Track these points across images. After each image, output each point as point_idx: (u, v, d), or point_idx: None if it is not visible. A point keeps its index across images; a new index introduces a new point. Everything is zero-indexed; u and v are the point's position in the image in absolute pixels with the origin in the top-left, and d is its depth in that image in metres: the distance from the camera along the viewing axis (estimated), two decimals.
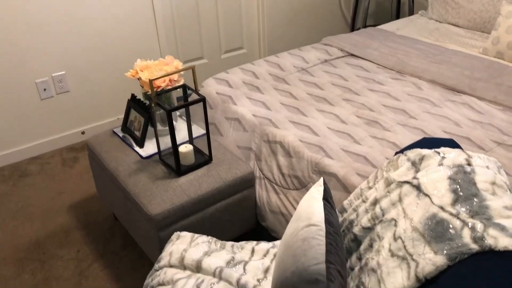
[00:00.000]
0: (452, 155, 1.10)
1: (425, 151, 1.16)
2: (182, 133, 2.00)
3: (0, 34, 2.43)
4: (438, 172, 1.06)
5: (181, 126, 2.06)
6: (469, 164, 1.06)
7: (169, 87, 1.82)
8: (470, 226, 0.91)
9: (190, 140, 1.89)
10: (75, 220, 2.24)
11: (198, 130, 2.03)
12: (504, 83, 2.01)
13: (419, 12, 3.05)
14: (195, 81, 1.69)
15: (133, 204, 1.72)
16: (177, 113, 2.14)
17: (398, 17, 3.63)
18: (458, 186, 1.01)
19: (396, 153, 1.25)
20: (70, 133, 2.86)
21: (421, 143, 1.24)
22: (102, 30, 2.73)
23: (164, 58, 1.92)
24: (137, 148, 1.92)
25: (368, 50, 2.45)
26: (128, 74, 1.88)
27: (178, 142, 1.93)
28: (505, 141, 1.65)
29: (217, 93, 2.16)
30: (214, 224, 1.80)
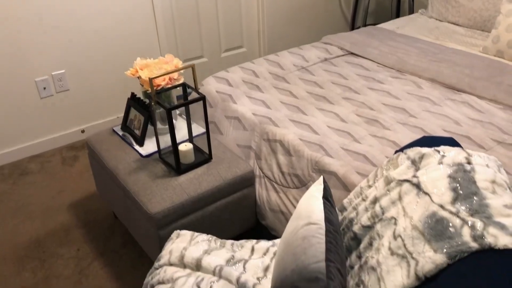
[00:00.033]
0: (452, 154, 1.10)
1: (425, 150, 1.16)
2: (182, 131, 2.00)
3: (0, 32, 2.43)
4: (438, 171, 1.06)
5: (181, 124, 2.06)
6: (469, 163, 1.06)
7: (169, 85, 1.82)
8: (470, 225, 0.91)
9: (190, 139, 1.89)
10: (75, 219, 2.24)
11: (198, 129, 2.03)
12: (504, 82, 2.00)
13: (419, 10, 3.05)
14: (195, 80, 1.69)
15: (133, 203, 1.73)
16: (177, 111, 2.14)
17: (398, 15, 3.63)
18: (458, 185, 1.01)
19: (396, 152, 1.25)
20: (70, 131, 2.86)
21: (421, 141, 1.24)
22: (102, 28, 2.73)
23: (164, 57, 1.92)
24: (137, 147, 1.92)
25: (368, 49, 2.45)
26: (128, 72, 1.88)
27: (178, 140, 1.93)
28: (505, 140, 1.65)
29: (217, 91, 2.16)
30: (214, 222, 1.80)
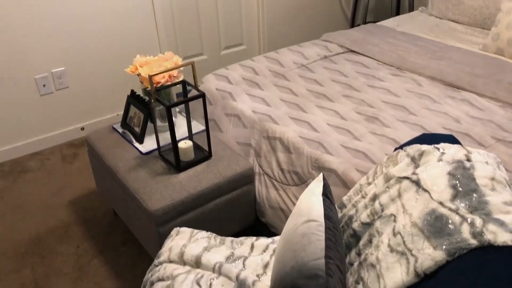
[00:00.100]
0: (451, 151, 1.10)
1: (424, 147, 1.16)
2: (181, 129, 2.00)
3: (0, 29, 2.43)
4: (437, 168, 1.06)
5: (181, 122, 2.06)
6: (468, 160, 1.07)
7: (169, 83, 1.82)
8: (469, 222, 0.91)
9: (190, 136, 1.89)
10: (75, 216, 2.25)
11: (197, 126, 2.03)
12: (504, 80, 2.00)
13: (419, 8, 3.04)
14: (194, 77, 1.69)
15: (133, 200, 1.73)
16: (177, 109, 2.14)
17: (398, 13, 3.63)
18: (457, 182, 1.01)
19: (396, 149, 1.25)
20: (69, 129, 2.86)
21: (421, 139, 1.24)
22: (102, 26, 2.73)
23: (163, 54, 1.92)
24: (136, 144, 1.92)
25: (368, 47, 2.45)
26: (128, 70, 1.88)
27: (177, 138, 1.93)
28: (505, 138, 1.65)
29: (216, 89, 2.16)
30: (214, 220, 1.80)
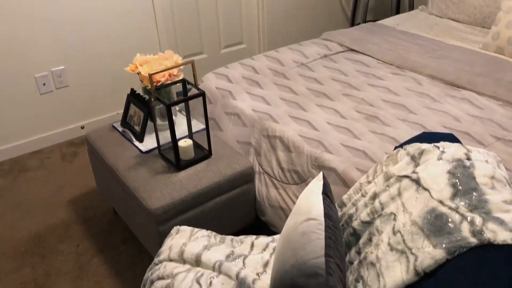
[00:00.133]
0: (451, 150, 1.10)
1: (424, 146, 1.16)
2: (181, 127, 2.00)
3: (0, 28, 2.43)
4: (437, 166, 1.07)
5: (181, 121, 2.06)
6: (468, 159, 1.07)
7: (169, 81, 1.81)
8: (469, 220, 0.91)
9: (190, 135, 1.89)
10: (74, 215, 2.25)
11: (197, 125, 2.03)
12: (504, 78, 2.00)
13: (419, 7, 3.04)
14: (194, 76, 1.69)
15: (133, 199, 1.73)
16: (177, 107, 2.14)
17: (398, 12, 3.62)
18: (457, 180, 1.01)
19: (396, 148, 1.25)
20: (69, 127, 2.86)
21: (421, 137, 1.24)
22: (102, 24, 2.72)
23: (163, 53, 1.92)
24: (136, 143, 1.92)
25: (368, 45, 2.45)
26: (128, 68, 1.88)
27: (177, 136, 1.93)
28: (504, 136, 1.65)
29: (216, 88, 2.16)
30: (214, 218, 1.80)
